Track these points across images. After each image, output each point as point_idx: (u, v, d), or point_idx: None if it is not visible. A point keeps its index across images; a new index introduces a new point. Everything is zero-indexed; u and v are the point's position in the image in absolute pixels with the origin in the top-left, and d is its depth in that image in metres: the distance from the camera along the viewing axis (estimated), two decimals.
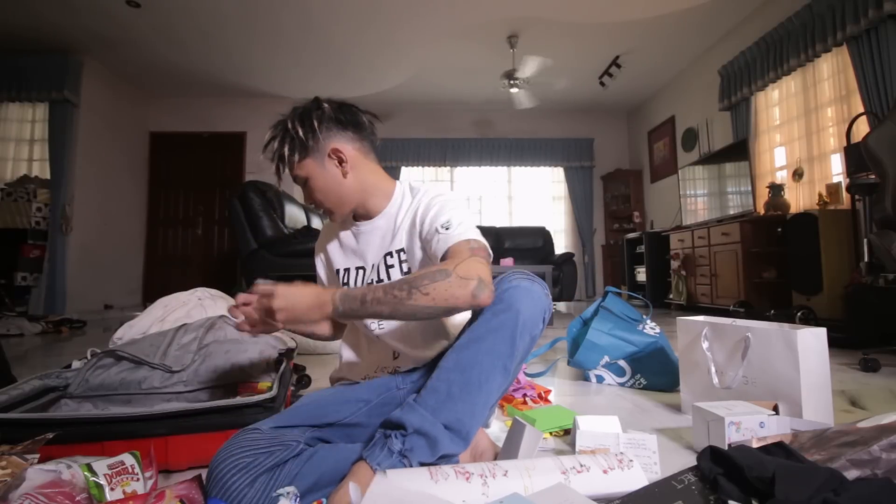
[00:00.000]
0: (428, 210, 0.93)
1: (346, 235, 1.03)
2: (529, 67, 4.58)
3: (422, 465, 0.73)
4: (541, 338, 3.00)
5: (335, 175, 0.92)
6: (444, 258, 0.84)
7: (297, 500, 0.66)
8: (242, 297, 0.79)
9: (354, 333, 1.07)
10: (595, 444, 0.91)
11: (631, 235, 5.71)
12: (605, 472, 0.74)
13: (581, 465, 0.74)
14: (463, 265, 0.78)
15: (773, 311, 3.28)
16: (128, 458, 0.74)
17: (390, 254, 0.97)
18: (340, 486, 0.70)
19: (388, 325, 0.97)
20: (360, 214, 1.00)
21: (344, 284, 1.01)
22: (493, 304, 0.80)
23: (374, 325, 0.98)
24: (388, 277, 0.96)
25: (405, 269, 0.96)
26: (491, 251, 0.89)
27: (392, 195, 1.00)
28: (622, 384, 1.66)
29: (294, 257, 2.86)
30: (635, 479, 0.74)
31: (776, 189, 3.79)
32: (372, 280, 0.98)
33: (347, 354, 1.07)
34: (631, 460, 0.77)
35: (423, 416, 0.75)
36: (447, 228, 0.87)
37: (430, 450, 0.74)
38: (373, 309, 0.76)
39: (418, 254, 0.94)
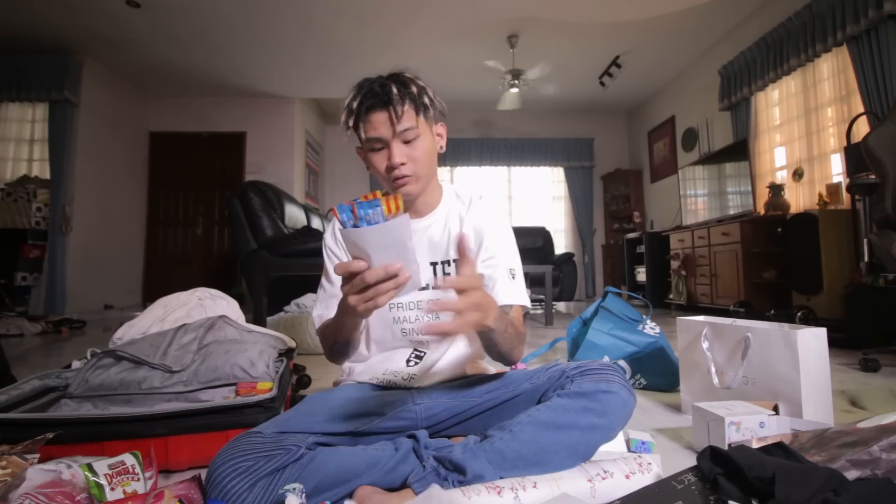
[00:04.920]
0: (495, 232, 0.96)
1: None
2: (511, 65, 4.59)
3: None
4: (540, 338, 2.99)
5: (434, 145, 0.93)
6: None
7: (303, 495, 0.66)
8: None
9: (364, 335, 1.01)
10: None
11: (631, 235, 5.71)
12: (627, 476, 0.75)
13: (605, 472, 0.75)
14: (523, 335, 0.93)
15: (773, 311, 3.28)
16: (128, 458, 0.74)
17: (448, 262, 0.95)
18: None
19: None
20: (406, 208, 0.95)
21: None
22: (590, 399, 0.80)
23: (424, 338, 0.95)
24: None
25: None
26: None
27: (442, 196, 1.00)
28: None
29: (294, 257, 2.85)
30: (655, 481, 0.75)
31: (776, 189, 3.79)
32: None
33: (355, 356, 1.01)
34: (650, 463, 0.78)
35: (486, 467, 0.74)
36: (514, 277, 0.95)
37: None
38: (500, 337, 0.79)
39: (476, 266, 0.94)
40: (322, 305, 0.96)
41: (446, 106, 0.96)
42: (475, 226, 0.97)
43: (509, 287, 0.93)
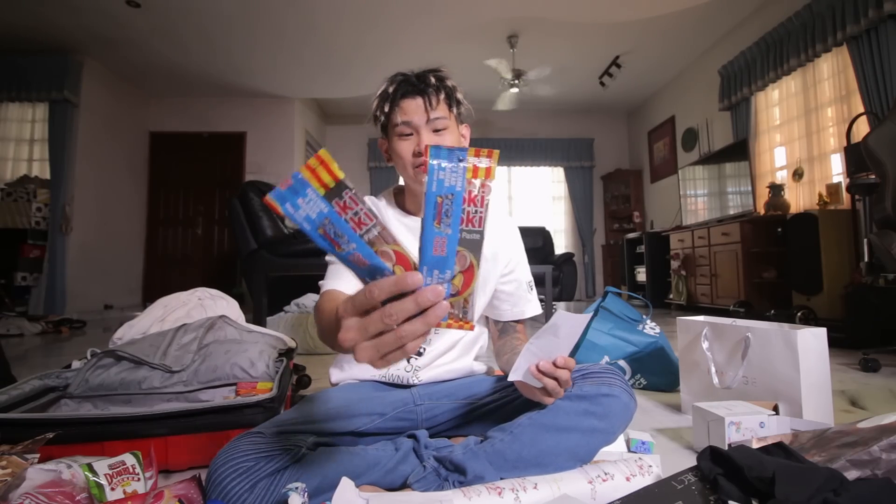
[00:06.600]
0: (514, 247, 1.01)
1: (398, 228, 0.93)
2: (506, 69, 4.59)
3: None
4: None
5: (460, 142, 0.94)
6: (517, 322, 1.02)
7: (306, 494, 0.66)
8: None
9: None
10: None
11: (631, 235, 5.71)
12: (627, 479, 0.75)
13: (605, 474, 0.75)
14: None
15: (773, 311, 3.28)
16: (129, 458, 0.74)
17: None
18: None
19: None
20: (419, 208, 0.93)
21: None
22: (591, 402, 0.80)
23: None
24: None
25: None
26: None
27: None
28: None
29: (294, 257, 2.85)
30: None
31: (776, 189, 3.79)
32: None
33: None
34: (651, 465, 0.78)
35: (486, 468, 0.74)
36: (531, 289, 1.02)
37: None
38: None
39: (490, 281, 0.97)
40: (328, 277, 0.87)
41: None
42: (500, 239, 0.99)
43: (533, 301, 1.02)
